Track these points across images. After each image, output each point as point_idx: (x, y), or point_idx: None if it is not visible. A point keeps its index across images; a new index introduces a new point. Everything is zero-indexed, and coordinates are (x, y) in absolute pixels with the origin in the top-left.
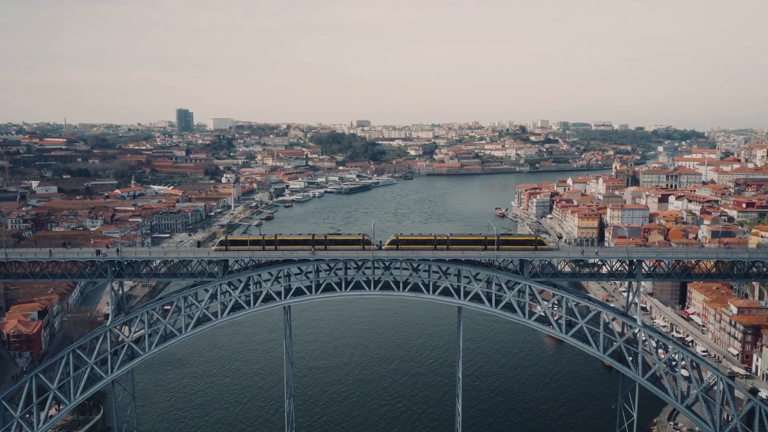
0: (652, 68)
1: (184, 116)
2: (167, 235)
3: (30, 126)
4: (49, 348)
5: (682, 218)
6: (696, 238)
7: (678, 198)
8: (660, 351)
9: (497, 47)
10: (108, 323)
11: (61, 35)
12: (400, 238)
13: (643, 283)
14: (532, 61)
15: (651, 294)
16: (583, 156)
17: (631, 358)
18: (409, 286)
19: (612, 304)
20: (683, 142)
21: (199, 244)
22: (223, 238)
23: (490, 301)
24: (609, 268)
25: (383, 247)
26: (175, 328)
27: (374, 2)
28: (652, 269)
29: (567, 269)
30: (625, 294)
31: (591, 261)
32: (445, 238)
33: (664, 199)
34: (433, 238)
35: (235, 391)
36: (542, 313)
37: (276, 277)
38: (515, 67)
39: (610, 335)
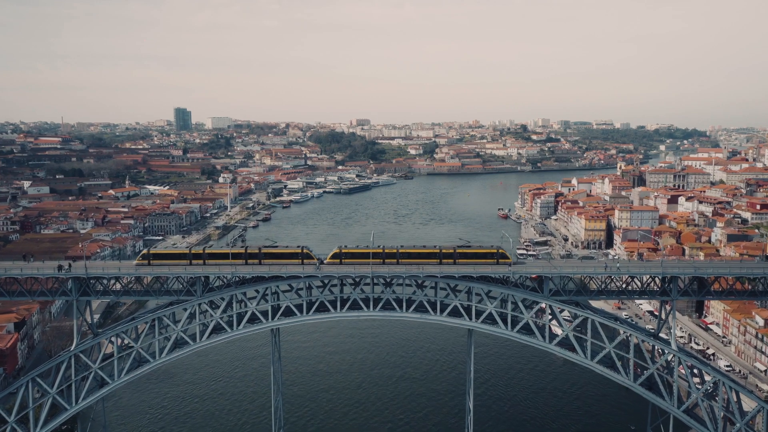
0: (653, 67)
1: (182, 115)
2: (160, 238)
3: (27, 125)
4: (27, 362)
5: (694, 220)
6: (709, 241)
7: (688, 199)
8: (696, 379)
9: (497, 46)
10: (73, 347)
11: (61, 34)
12: (343, 250)
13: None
14: (533, 59)
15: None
16: (585, 155)
17: (664, 387)
18: (413, 306)
19: (624, 314)
20: (685, 141)
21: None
22: (145, 251)
23: (505, 322)
24: (638, 284)
25: (325, 262)
26: (149, 353)
27: (374, 0)
28: (687, 286)
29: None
30: (638, 302)
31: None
32: (395, 251)
33: (673, 200)
34: (381, 250)
35: (220, 415)
36: (564, 336)
37: (263, 294)
38: (516, 65)
39: (640, 361)
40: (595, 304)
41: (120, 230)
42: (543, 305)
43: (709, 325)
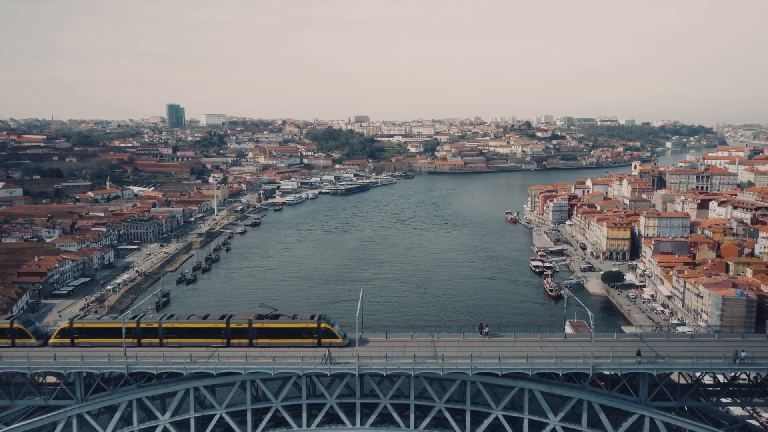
0: (655, 64)
1: (175, 112)
2: (135, 247)
3: (17, 122)
4: None
5: (732, 229)
6: (752, 254)
7: (721, 203)
8: None
9: (498, 42)
10: None
11: (59, 30)
12: (75, 325)
13: (706, 317)
14: (534, 56)
15: (718, 332)
16: (592, 153)
17: None
18: (426, 421)
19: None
20: (691, 138)
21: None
22: (66, 323)
23: None
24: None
25: (49, 342)
26: None
27: None
28: None
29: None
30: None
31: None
32: (155, 325)
33: (703, 205)
34: (135, 325)
35: None
36: None
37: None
38: (517, 62)
39: None
40: (629, 331)
41: (89, 239)
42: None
43: None
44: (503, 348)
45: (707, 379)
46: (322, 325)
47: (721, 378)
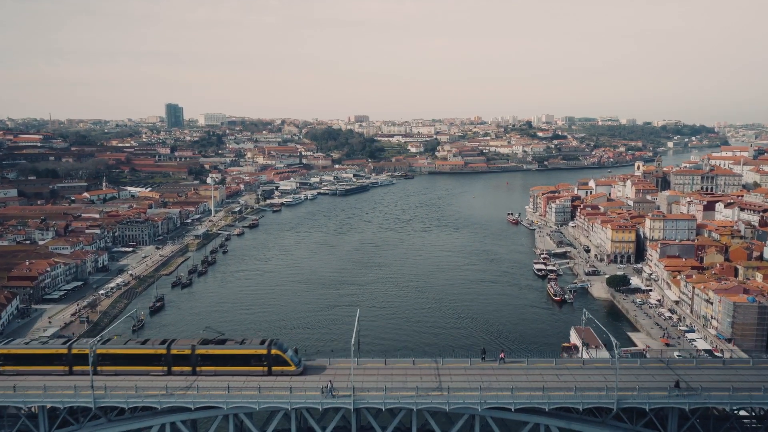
0: (655, 63)
1: (174, 111)
2: (130, 249)
3: (14, 121)
4: None
5: (740, 231)
6: (761, 257)
7: (728, 205)
8: None
9: (498, 41)
10: None
11: (59, 30)
12: (0, 351)
13: (716, 324)
14: (534, 55)
15: (730, 340)
16: (594, 153)
17: None
18: None
19: (676, 353)
20: (693, 138)
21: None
22: None
23: None
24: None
25: None
26: None
27: None
28: None
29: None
30: (689, 336)
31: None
32: (63, 351)
33: (709, 207)
34: (66, 351)
35: None
36: None
37: None
38: (517, 61)
39: None
40: (636, 338)
41: (82, 241)
42: None
43: None
44: (515, 377)
45: (743, 411)
46: (273, 351)
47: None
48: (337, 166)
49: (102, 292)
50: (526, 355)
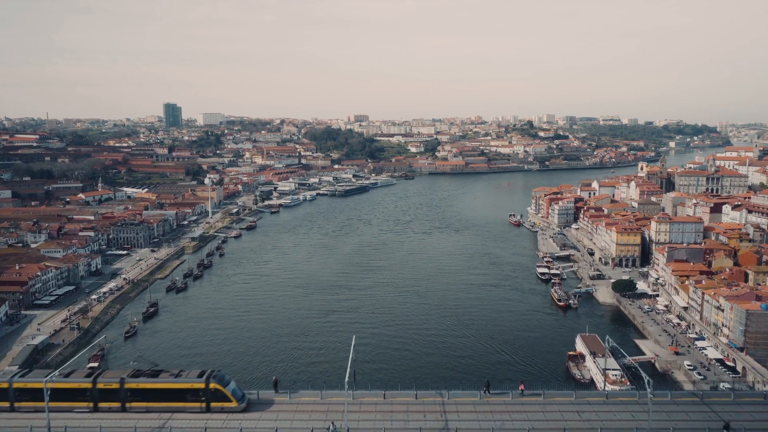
0: (656, 62)
1: (172, 111)
2: (124, 252)
3: (11, 121)
4: None
5: (748, 234)
6: None
7: (735, 207)
8: None
9: (498, 40)
10: None
11: (58, 29)
12: None
13: (727, 332)
14: (535, 54)
15: (742, 349)
16: (595, 153)
17: None
18: None
19: (686, 362)
20: (695, 137)
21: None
22: None
23: None
24: None
25: None
26: None
27: None
28: None
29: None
30: (699, 345)
31: None
32: (5, 385)
33: (716, 209)
34: None
35: None
36: None
37: None
38: (517, 60)
39: None
40: (644, 345)
41: (75, 244)
42: None
43: None
44: (531, 414)
45: None
46: (212, 385)
47: None
48: (336, 166)
49: (94, 297)
50: (542, 387)
